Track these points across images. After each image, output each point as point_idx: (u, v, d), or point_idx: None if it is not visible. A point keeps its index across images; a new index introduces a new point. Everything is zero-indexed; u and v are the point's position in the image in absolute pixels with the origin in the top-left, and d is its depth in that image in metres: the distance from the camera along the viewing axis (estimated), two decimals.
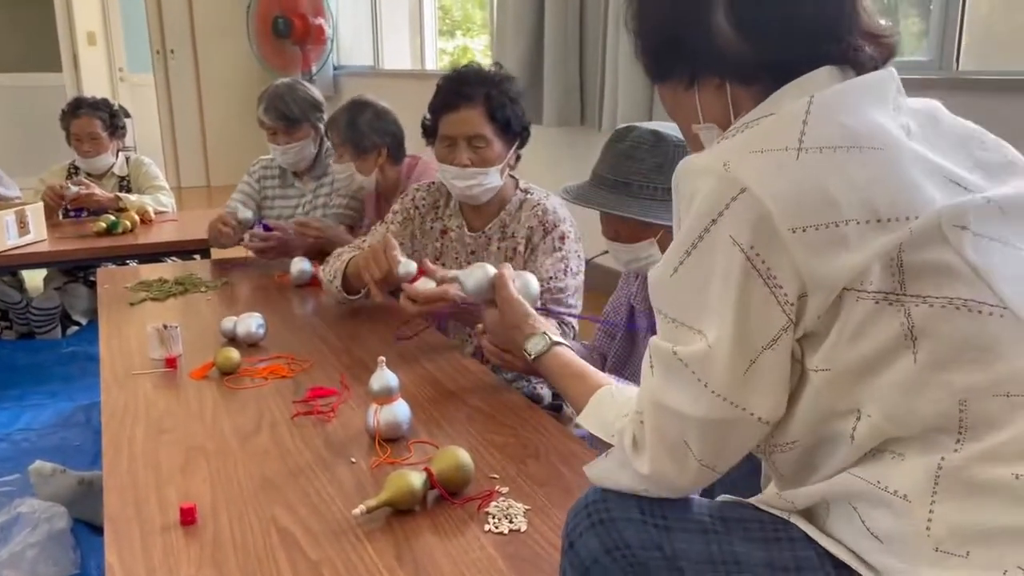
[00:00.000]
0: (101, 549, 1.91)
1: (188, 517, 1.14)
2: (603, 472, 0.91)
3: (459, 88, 1.93)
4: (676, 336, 0.84)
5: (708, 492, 0.95)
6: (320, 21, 6.45)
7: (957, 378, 0.77)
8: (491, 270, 1.42)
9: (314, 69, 6.54)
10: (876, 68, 0.88)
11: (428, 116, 2.01)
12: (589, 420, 0.99)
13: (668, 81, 0.95)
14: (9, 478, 2.10)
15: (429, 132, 2.03)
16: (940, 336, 0.77)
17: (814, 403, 0.83)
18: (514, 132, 1.97)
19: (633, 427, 0.89)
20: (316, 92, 2.87)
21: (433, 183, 2.16)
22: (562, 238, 1.95)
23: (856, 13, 0.88)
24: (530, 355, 1.17)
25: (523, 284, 1.40)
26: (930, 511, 0.77)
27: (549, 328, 1.24)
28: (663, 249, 1.50)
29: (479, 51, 6.10)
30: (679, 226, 0.85)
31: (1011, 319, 0.78)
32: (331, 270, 2.09)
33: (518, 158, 2.03)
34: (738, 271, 0.79)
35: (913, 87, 0.87)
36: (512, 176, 2.06)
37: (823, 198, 0.77)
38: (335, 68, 6.82)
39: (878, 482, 0.80)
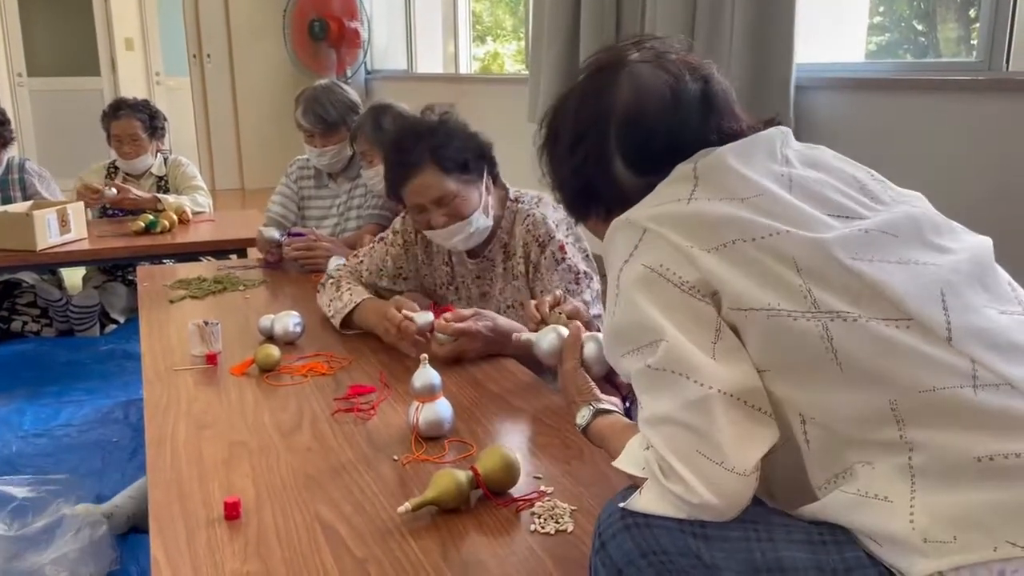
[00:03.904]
0: (142, 546, 1.95)
1: (233, 512, 1.13)
2: (643, 504, 0.89)
3: (403, 158, 1.82)
4: (643, 357, 0.90)
5: None
6: (355, 25, 6.48)
7: (883, 377, 0.83)
8: (564, 332, 1.35)
9: (348, 73, 6.58)
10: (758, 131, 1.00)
11: (390, 190, 1.90)
12: (623, 462, 0.98)
13: (588, 220, 1.10)
14: (56, 477, 2.11)
15: (402, 203, 1.91)
16: (857, 345, 0.84)
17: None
18: (473, 168, 1.84)
19: (653, 457, 0.89)
20: (353, 94, 2.88)
21: None
22: (561, 248, 1.83)
23: (734, 114, 1.02)
24: (579, 427, 1.18)
25: (598, 346, 1.26)
26: (911, 506, 0.80)
27: (599, 397, 1.20)
28: None
29: (509, 56, 6.10)
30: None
31: (917, 328, 0.84)
32: (332, 307, 1.96)
33: (495, 178, 1.91)
34: (655, 285, 0.90)
35: (961, 88, 0.86)
36: (503, 187, 1.95)
37: (710, 225, 0.91)
38: (368, 72, 6.84)
39: (857, 491, 0.83)
